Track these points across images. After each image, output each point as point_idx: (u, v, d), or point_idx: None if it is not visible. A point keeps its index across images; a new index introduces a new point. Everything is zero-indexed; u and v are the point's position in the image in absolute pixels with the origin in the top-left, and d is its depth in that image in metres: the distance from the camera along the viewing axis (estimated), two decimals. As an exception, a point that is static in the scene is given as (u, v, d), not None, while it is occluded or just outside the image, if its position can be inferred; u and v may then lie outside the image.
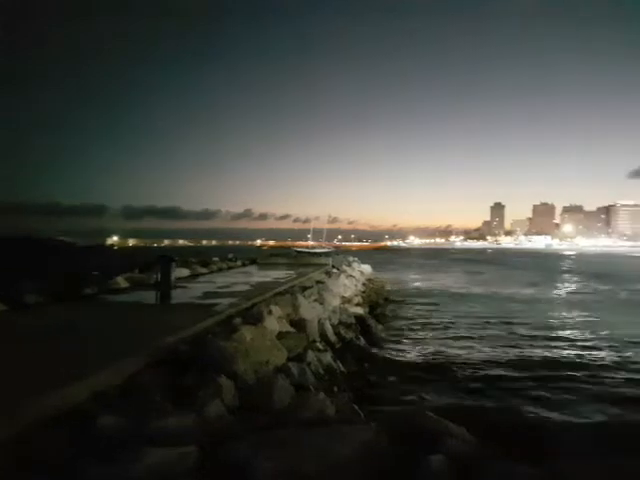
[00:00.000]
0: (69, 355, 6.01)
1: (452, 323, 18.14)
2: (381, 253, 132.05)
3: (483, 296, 27.76)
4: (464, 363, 11.94)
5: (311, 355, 8.47)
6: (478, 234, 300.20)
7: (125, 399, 4.93)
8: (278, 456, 3.68)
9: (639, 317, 19.76)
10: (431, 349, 13.74)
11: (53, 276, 16.77)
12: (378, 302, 22.89)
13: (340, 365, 10.14)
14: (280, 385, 5.90)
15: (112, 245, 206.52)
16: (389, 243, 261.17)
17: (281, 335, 8.69)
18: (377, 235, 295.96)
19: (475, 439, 4.71)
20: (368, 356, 12.54)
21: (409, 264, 69.90)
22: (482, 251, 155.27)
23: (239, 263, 29.58)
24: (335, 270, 25.97)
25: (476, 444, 4.68)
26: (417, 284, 36.76)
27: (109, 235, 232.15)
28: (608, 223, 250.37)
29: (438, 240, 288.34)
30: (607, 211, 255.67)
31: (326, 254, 48.68)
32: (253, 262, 31.28)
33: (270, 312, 9.24)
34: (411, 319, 19.22)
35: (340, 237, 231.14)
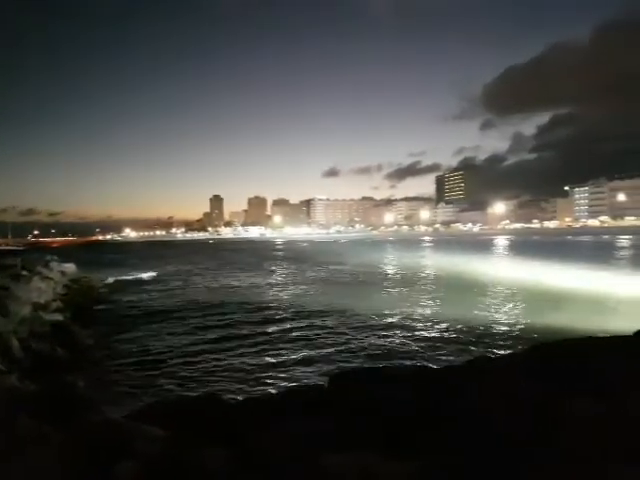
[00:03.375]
0: None
1: (166, 317, 18.25)
2: (94, 248, 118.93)
3: (203, 286, 29.00)
4: (177, 355, 12.29)
5: (-18, 381, 7.00)
6: (200, 225, 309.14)
7: None
8: None
9: (319, 290, 24.97)
10: (141, 347, 13.48)
11: None
12: (85, 304, 20.72)
13: (29, 384, 8.77)
14: None
15: None
16: (101, 237, 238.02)
17: None
18: (87, 228, 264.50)
19: (169, 433, 4.91)
20: (69, 366, 11.30)
21: (124, 259, 65.55)
22: (205, 242, 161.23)
23: None
24: (25, 272, 21.91)
25: (170, 438, 4.83)
26: (131, 277, 35.20)
27: None
28: (308, 214, 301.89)
29: (159, 232, 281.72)
30: (307, 204, 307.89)
31: (13, 253, 40.25)
32: None
33: None
34: (123, 317, 18.31)
35: (37, 232, 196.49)
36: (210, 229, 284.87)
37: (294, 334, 14.68)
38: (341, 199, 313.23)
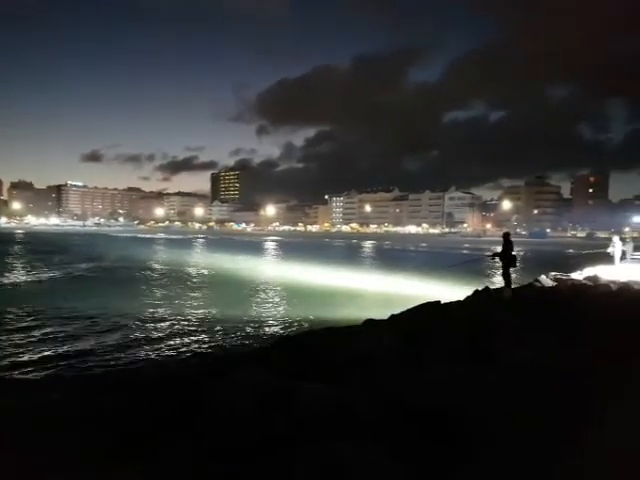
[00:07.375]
0: None
1: None
2: None
3: None
4: None
5: None
6: None
7: None
8: None
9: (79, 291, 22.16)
10: None
11: None
12: None
13: None
14: None
15: None
16: None
17: None
18: None
19: None
20: None
21: None
22: None
23: None
24: None
25: None
26: None
27: None
28: (59, 202, 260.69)
29: None
30: (58, 190, 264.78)
31: None
32: None
33: None
34: None
35: None
36: None
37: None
38: (102, 187, 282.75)
